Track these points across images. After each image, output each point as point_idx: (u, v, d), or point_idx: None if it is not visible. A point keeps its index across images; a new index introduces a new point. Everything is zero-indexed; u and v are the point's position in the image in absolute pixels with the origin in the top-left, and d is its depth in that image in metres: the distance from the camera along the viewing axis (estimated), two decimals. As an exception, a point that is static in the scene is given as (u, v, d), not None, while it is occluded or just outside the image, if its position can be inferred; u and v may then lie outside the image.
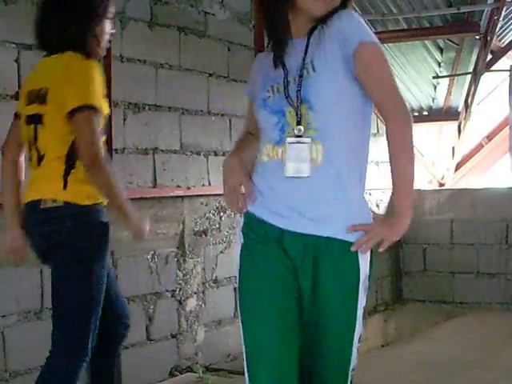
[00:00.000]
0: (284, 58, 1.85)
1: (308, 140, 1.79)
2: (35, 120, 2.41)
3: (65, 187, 2.37)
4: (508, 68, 5.88)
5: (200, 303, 4.22)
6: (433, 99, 6.28)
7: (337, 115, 1.81)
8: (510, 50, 5.86)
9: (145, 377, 3.85)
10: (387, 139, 1.98)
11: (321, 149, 1.80)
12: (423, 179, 6.70)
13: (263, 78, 1.90)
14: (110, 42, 2.43)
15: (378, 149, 6.85)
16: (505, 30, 5.72)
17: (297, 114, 1.80)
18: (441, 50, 5.77)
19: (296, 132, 1.80)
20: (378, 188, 6.10)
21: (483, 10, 5.17)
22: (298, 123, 1.80)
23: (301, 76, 1.79)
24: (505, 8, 5.07)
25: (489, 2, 5.10)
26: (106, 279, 2.45)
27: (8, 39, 3.23)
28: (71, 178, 2.38)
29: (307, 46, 1.81)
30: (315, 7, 1.79)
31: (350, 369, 1.88)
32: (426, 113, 6.41)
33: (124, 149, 3.78)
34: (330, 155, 1.80)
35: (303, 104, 1.80)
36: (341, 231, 1.81)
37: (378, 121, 6.27)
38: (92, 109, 2.31)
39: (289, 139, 1.80)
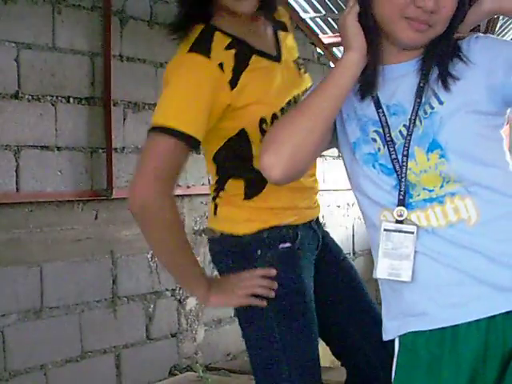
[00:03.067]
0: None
1: (413, 229, 1.36)
2: None
3: (215, 213, 1.81)
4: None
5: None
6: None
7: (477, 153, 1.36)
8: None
9: (145, 376, 3.85)
10: None
11: (471, 204, 1.35)
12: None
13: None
14: (109, 40, 2.40)
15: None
16: (504, 29, 5.73)
17: (400, 181, 1.36)
18: (441, 49, 5.76)
19: (396, 215, 1.37)
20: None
21: (483, 9, 5.16)
22: (401, 201, 1.36)
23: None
24: (499, 23, 5.07)
25: (489, 1, 5.09)
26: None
27: (8, 39, 3.23)
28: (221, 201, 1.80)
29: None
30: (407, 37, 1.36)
31: None
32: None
33: (124, 148, 3.78)
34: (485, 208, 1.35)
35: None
36: None
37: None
38: (161, 131, 1.61)
39: (385, 224, 1.38)
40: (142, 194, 1.66)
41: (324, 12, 5.26)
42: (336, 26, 5.49)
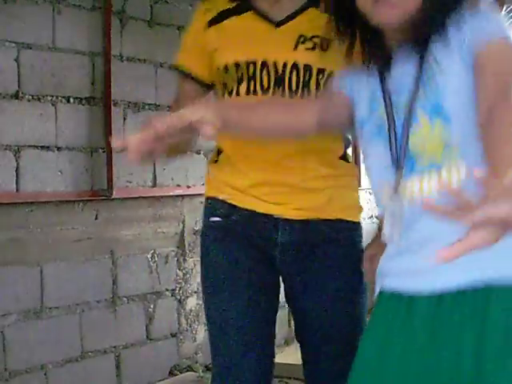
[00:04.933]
0: None
1: (407, 197, 1.36)
2: None
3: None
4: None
5: (200, 302, 4.22)
6: (433, 98, 6.28)
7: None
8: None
9: (145, 376, 3.85)
10: None
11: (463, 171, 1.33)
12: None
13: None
14: (109, 40, 2.41)
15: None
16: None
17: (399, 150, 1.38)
18: (441, 49, 5.77)
19: (394, 186, 1.38)
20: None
21: (483, 9, 5.17)
22: (399, 170, 1.38)
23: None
24: (505, 7, 5.08)
25: (489, 1, 5.10)
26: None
27: (8, 39, 3.23)
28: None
29: None
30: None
31: None
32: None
33: (124, 148, 3.77)
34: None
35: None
36: None
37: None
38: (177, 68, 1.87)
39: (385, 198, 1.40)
40: None
41: (324, 12, 5.26)
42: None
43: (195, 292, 4.19)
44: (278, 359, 2.14)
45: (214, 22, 1.72)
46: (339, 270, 1.70)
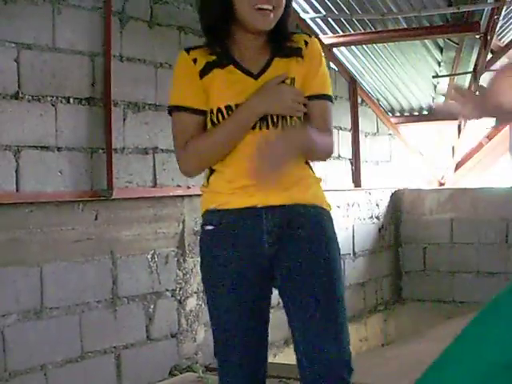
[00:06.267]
0: None
1: None
2: None
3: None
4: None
5: (200, 303, 4.22)
6: (433, 99, 6.28)
7: None
8: (510, 49, 5.85)
9: (145, 376, 3.85)
10: None
11: None
12: (423, 179, 6.71)
13: None
14: (109, 40, 2.42)
15: (378, 148, 6.88)
16: (505, 29, 5.72)
17: None
18: (441, 50, 5.76)
19: None
20: (378, 188, 6.11)
21: (483, 10, 5.17)
22: None
23: None
24: (505, 7, 5.07)
25: (489, 2, 5.09)
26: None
27: (8, 39, 3.23)
28: None
29: None
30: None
31: None
32: (425, 112, 6.41)
33: (124, 148, 3.78)
34: None
35: None
36: None
37: (378, 120, 6.28)
38: (169, 113, 2.12)
39: None
40: (180, 162, 2.08)
41: (324, 12, 5.26)
42: (336, 27, 5.49)
43: (195, 292, 4.19)
44: (278, 359, 2.14)
45: (203, 73, 2.04)
46: (312, 237, 2.03)
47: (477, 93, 1.53)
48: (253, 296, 2.04)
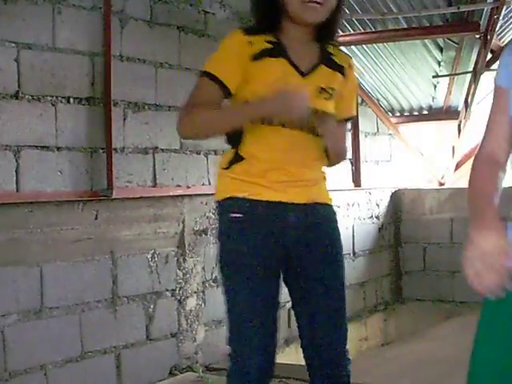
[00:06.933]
0: None
1: None
2: None
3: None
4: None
5: (200, 302, 4.22)
6: (433, 98, 6.28)
7: None
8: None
9: (145, 376, 3.85)
10: None
11: None
12: (423, 178, 6.71)
13: None
14: (109, 40, 2.42)
15: (378, 148, 6.88)
16: (505, 29, 5.72)
17: None
18: (441, 49, 5.76)
19: None
20: (377, 187, 6.11)
21: (483, 9, 5.17)
22: None
23: None
24: (505, 7, 5.07)
25: (489, 1, 5.09)
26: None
27: (8, 39, 3.23)
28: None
29: None
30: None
31: None
32: (425, 112, 6.41)
33: (124, 148, 3.78)
34: None
35: None
36: None
37: (378, 119, 6.28)
38: (201, 75, 2.19)
39: None
40: (179, 121, 2.20)
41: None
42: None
43: (195, 292, 4.19)
44: (278, 359, 2.15)
45: (257, 57, 2.12)
46: (328, 234, 2.25)
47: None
48: (272, 280, 2.17)
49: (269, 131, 2.12)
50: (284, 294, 2.24)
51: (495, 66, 5.75)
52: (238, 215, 2.13)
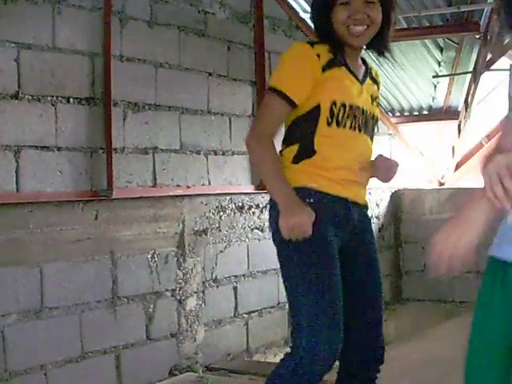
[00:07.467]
0: None
1: None
2: None
3: None
4: (508, 67, 5.87)
5: (200, 302, 4.22)
6: (433, 98, 6.28)
7: None
8: (509, 49, 5.85)
9: (145, 376, 3.85)
10: None
11: None
12: (423, 178, 6.70)
13: None
14: (109, 40, 2.43)
15: (378, 148, 6.85)
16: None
17: None
18: (441, 49, 5.76)
19: None
20: (378, 187, 6.11)
21: (483, 9, 5.17)
22: None
23: None
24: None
25: (489, 1, 5.10)
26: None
27: (8, 39, 3.23)
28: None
29: None
30: None
31: None
32: (425, 112, 6.41)
33: (124, 148, 3.78)
34: None
35: None
36: None
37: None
38: (273, 91, 2.30)
39: None
40: (248, 141, 2.34)
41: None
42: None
43: (195, 292, 4.19)
44: (278, 359, 2.14)
45: (325, 68, 2.28)
46: (370, 234, 2.51)
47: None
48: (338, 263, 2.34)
49: (341, 132, 2.30)
50: (283, 294, 2.24)
51: (495, 66, 5.76)
52: (310, 200, 2.27)
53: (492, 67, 5.77)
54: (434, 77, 5.98)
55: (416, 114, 6.42)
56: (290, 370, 2.21)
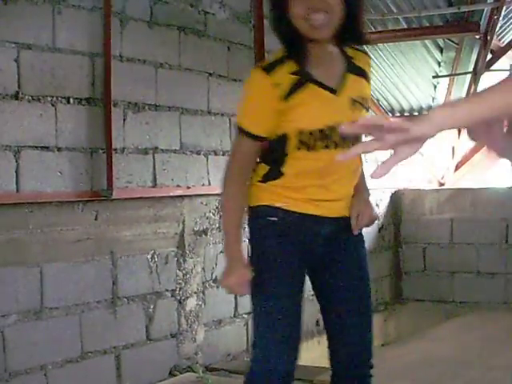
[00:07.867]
0: None
1: None
2: None
3: None
4: (508, 68, 5.87)
5: (200, 303, 4.22)
6: (433, 99, 6.28)
7: None
8: (509, 49, 5.86)
9: (145, 376, 3.85)
10: None
11: None
12: (423, 179, 6.71)
13: None
14: (109, 40, 2.42)
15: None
16: (505, 29, 5.72)
17: None
18: (441, 50, 5.76)
19: None
20: (378, 188, 6.10)
21: (483, 10, 5.17)
22: None
23: None
24: (505, 7, 5.07)
25: (489, 2, 5.10)
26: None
27: (8, 39, 3.23)
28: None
29: None
30: None
31: None
32: (426, 112, 6.40)
33: (124, 148, 3.78)
34: None
35: None
36: None
37: (378, 120, 6.28)
38: (238, 128, 2.26)
39: None
40: (222, 180, 2.29)
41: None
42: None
43: (195, 292, 4.19)
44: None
45: (289, 94, 2.14)
46: (355, 244, 2.38)
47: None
48: (300, 281, 2.30)
49: (313, 155, 2.19)
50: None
51: (495, 66, 5.76)
52: (274, 219, 2.24)
53: (492, 67, 5.78)
54: (433, 77, 5.98)
55: (416, 114, 6.42)
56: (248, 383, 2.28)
